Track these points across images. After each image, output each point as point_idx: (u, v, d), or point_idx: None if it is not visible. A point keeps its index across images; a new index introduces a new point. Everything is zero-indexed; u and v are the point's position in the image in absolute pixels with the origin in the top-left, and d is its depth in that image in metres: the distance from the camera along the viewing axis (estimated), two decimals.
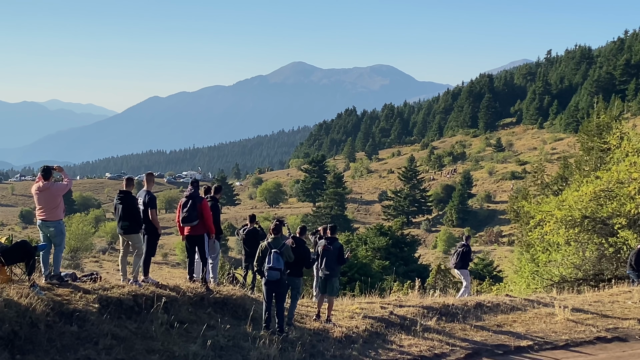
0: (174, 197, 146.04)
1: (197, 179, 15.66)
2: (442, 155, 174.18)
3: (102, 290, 12.42)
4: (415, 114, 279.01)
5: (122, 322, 11.80)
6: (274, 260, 12.87)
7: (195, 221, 14.29)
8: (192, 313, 12.94)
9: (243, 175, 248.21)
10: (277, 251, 12.92)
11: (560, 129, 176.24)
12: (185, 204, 14.31)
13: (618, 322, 16.21)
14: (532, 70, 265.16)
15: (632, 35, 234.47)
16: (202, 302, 13.44)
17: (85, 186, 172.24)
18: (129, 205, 13.47)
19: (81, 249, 67.56)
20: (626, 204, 22.97)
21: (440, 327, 14.81)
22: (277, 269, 12.85)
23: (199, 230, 14.43)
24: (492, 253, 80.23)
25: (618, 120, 32.73)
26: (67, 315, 11.28)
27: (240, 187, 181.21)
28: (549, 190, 34.37)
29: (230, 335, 12.44)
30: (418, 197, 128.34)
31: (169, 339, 11.69)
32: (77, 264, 55.93)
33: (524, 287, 28.68)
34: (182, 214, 14.36)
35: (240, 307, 13.82)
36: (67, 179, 13.02)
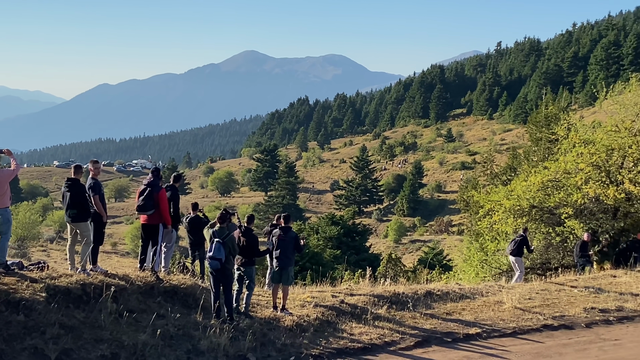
0: (123, 186, 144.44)
1: (158, 168, 15.46)
2: (394, 145, 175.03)
3: (50, 279, 12.24)
4: (367, 104, 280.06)
5: (70, 311, 11.63)
6: (215, 249, 12.83)
7: (150, 210, 14.16)
8: (142, 302, 12.82)
9: (194, 164, 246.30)
10: (219, 241, 12.88)
11: (509, 120, 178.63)
12: (142, 193, 14.16)
13: (564, 310, 16.51)
14: (482, 61, 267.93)
15: (580, 28, 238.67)
16: (152, 291, 13.33)
17: (33, 174, 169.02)
18: (77, 193, 13.23)
19: (28, 238, 66.51)
20: (573, 194, 23.34)
21: (390, 316, 14.91)
22: (218, 259, 12.80)
23: (155, 220, 14.30)
24: (442, 242, 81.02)
25: (566, 112, 33.19)
26: (14, 305, 11.10)
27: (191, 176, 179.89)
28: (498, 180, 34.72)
29: (180, 324, 12.37)
30: (370, 186, 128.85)
31: (118, 329, 11.57)
32: (24, 253, 55.03)
33: (473, 275, 29.03)
34: (138, 202, 14.21)
35: (191, 296, 13.74)
36: (15, 163, 12.74)
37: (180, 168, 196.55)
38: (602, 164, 23.70)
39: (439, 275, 33.96)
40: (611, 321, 15.92)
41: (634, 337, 14.61)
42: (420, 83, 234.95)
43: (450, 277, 31.59)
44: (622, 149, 23.51)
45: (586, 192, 23.09)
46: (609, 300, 17.59)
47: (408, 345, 13.30)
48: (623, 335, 14.75)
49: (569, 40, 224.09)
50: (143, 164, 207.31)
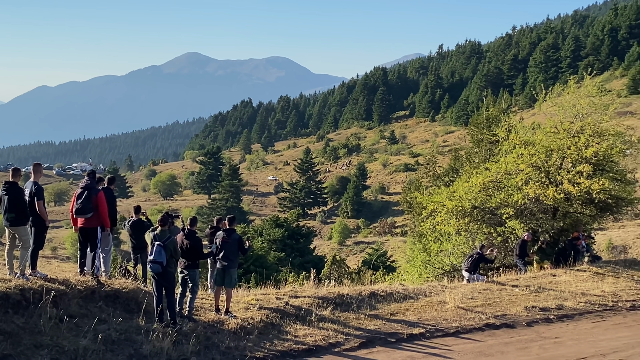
0: (63, 189, 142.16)
1: (94, 170, 15.16)
2: (338, 147, 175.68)
3: None
4: (311, 106, 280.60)
5: (9, 316, 11.34)
6: (156, 253, 12.65)
7: (89, 213, 13.86)
8: (83, 307, 12.57)
9: (136, 167, 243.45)
10: (160, 244, 12.70)
11: (451, 122, 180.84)
12: (80, 195, 13.86)
13: (506, 309, 16.72)
14: (424, 64, 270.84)
15: (519, 32, 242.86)
16: (93, 295, 13.08)
17: None
18: (15, 196, 12.91)
19: None
20: (514, 195, 23.68)
21: (335, 317, 14.90)
22: (159, 262, 12.62)
23: (93, 223, 14.01)
24: (386, 244, 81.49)
25: (506, 114, 33.63)
26: None
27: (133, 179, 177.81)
28: (441, 181, 35.01)
29: (122, 329, 12.16)
30: (314, 189, 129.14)
31: (58, 334, 11.32)
32: None
33: (416, 276, 29.22)
34: (76, 205, 13.90)
35: (133, 300, 13.53)
36: None
37: (122, 171, 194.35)
38: (541, 165, 24.09)
39: (383, 277, 34.13)
40: (551, 319, 16.17)
41: (573, 335, 14.87)
42: (364, 85, 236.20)
43: (394, 278, 31.76)
44: (561, 150, 23.92)
45: (526, 193, 23.43)
46: (549, 299, 17.88)
47: (352, 346, 13.30)
48: (563, 334, 14.99)
49: (509, 43, 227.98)
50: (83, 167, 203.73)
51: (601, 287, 19.57)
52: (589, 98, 25.18)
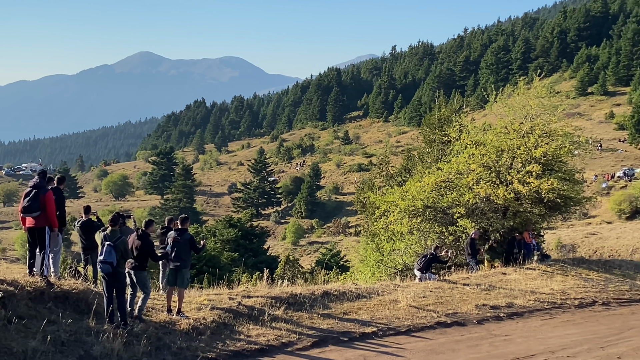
0: (12, 190, 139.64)
1: (44, 170, 14.92)
2: (292, 147, 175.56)
3: None
4: (265, 107, 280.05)
5: None
6: (106, 253, 12.53)
7: (36, 212, 13.64)
8: (32, 308, 12.38)
9: (87, 167, 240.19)
10: (110, 244, 12.58)
11: (404, 123, 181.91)
12: (28, 194, 13.64)
13: (457, 307, 16.91)
14: (377, 65, 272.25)
15: (471, 33, 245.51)
16: (42, 296, 12.89)
17: None
18: None
19: None
20: (465, 194, 23.95)
21: (288, 316, 14.91)
22: (109, 263, 12.51)
23: (41, 223, 13.79)
24: (339, 243, 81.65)
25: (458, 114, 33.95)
26: None
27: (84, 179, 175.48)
28: (394, 181, 35.24)
29: (72, 330, 12.01)
30: (267, 189, 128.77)
31: (6, 335, 11.14)
32: None
33: (369, 275, 29.35)
34: (23, 203, 13.69)
35: (83, 301, 13.37)
36: None
37: (73, 171, 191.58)
38: (492, 165, 24.41)
39: (336, 276, 34.22)
40: (502, 317, 16.40)
41: (523, 333, 15.09)
42: (318, 86, 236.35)
43: (347, 278, 31.86)
44: (511, 150, 24.27)
45: (477, 192, 23.71)
46: (499, 297, 18.12)
47: (305, 345, 13.32)
48: (513, 331, 15.21)
49: (461, 44, 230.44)
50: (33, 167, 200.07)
51: (550, 285, 19.89)
52: (538, 99, 25.60)
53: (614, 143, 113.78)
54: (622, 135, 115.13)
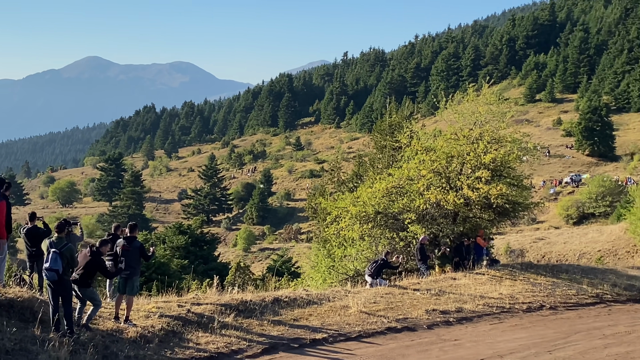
0: None
1: None
2: (243, 153, 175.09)
3: None
4: (216, 112, 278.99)
5: None
6: (52, 260, 12.25)
7: None
8: None
9: (34, 173, 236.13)
10: (56, 251, 12.30)
11: (356, 129, 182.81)
12: None
13: (408, 312, 16.94)
14: (329, 71, 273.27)
15: (422, 40, 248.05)
16: None
17: None
18: None
19: None
20: (415, 200, 24.04)
21: (237, 324, 14.78)
22: (54, 270, 12.22)
23: None
24: (291, 250, 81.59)
25: (409, 120, 34.14)
26: None
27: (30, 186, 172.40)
28: (345, 187, 35.23)
29: (16, 339, 11.72)
30: (218, 195, 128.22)
31: None
32: None
33: (320, 281, 29.30)
34: None
35: (28, 309, 13.06)
36: None
37: (19, 178, 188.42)
38: (442, 171, 24.56)
39: (287, 283, 34.10)
40: (451, 322, 16.48)
41: (472, 337, 15.17)
42: (269, 91, 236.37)
43: (298, 284, 31.77)
44: (461, 156, 24.45)
45: (428, 198, 23.82)
46: (449, 302, 18.21)
47: (255, 352, 13.22)
48: (462, 336, 15.29)
49: (412, 51, 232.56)
50: None
51: (499, 289, 20.06)
52: (487, 106, 25.84)
53: (562, 149, 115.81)
54: (570, 142, 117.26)
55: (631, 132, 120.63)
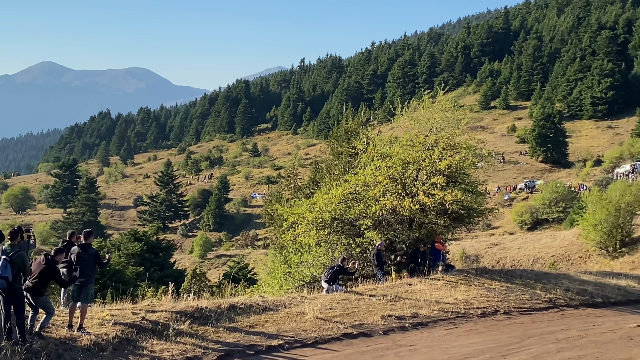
0: None
1: None
2: (200, 159, 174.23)
3: None
4: (172, 118, 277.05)
5: None
6: (2, 268, 12.03)
7: None
8: None
9: None
10: (6, 258, 12.09)
11: (313, 135, 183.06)
12: None
13: (364, 318, 16.97)
14: (286, 77, 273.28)
15: (378, 47, 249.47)
16: None
17: None
18: None
19: None
20: (372, 206, 24.12)
21: (193, 331, 14.67)
22: (4, 278, 12.01)
23: None
24: (247, 256, 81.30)
25: (365, 127, 34.26)
26: None
27: None
28: (302, 193, 35.24)
29: None
30: (175, 202, 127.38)
31: None
32: None
33: (277, 288, 29.22)
34: None
35: None
36: None
37: None
38: (398, 177, 24.68)
39: (243, 289, 33.94)
40: (407, 327, 16.55)
41: (427, 342, 15.26)
42: (226, 98, 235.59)
43: (254, 291, 31.65)
44: (417, 162, 24.60)
45: (384, 204, 23.91)
46: (404, 307, 18.28)
47: (210, 359, 13.13)
48: (418, 341, 15.36)
49: (369, 58, 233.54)
50: None
51: (454, 295, 20.21)
52: (442, 112, 26.04)
53: (516, 156, 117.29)
54: (524, 148, 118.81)
55: (583, 139, 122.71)
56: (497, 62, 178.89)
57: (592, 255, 50.66)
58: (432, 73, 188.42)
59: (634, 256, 47.10)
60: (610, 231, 48.12)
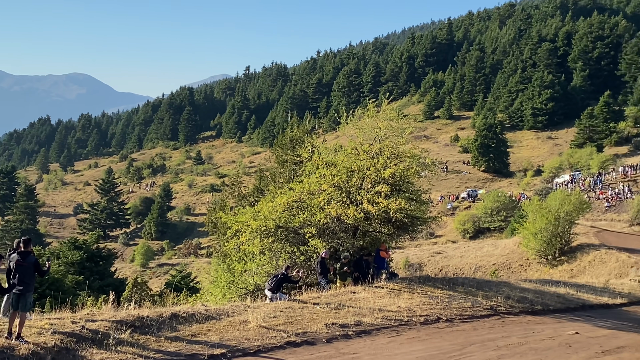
0: None
1: None
2: (142, 167, 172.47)
3: None
4: (114, 125, 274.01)
5: None
6: None
7: None
8: None
9: None
10: None
11: (257, 143, 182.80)
12: None
13: (307, 326, 16.87)
14: (231, 85, 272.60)
15: (324, 56, 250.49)
16: None
17: None
18: None
19: None
20: (316, 214, 24.06)
21: (134, 340, 14.41)
22: None
23: None
24: (190, 265, 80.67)
25: (310, 135, 34.27)
26: None
27: None
28: (246, 201, 35.06)
29: None
30: (116, 210, 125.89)
31: None
32: None
33: (220, 297, 28.99)
34: None
35: None
36: None
37: None
38: (343, 185, 24.68)
39: (186, 298, 33.60)
40: (350, 336, 16.51)
41: (370, 350, 15.24)
42: (170, 105, 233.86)
43: (197, 299, 31.34)
44: (362, 170, 24.63)
45: (328, 212, 23.87)
46: (348, 315, 18.25)
47: None
48: (361, 349, 15.33)
49: (314, 67, 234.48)
50: None
51: (397, 303, 20.25)
52: (387, 122, 26.12)
53: (459, 165, 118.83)
54: (466, 158, 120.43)
55: (524, 149, 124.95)
56: (440, 73, 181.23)
57: (532, 263, 51.50)
58: (377, 82, 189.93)
59: (573, 264, 48.03)
60: (549, 240, 49.00)
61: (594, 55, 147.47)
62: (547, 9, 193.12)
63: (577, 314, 22.78)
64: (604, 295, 28.54)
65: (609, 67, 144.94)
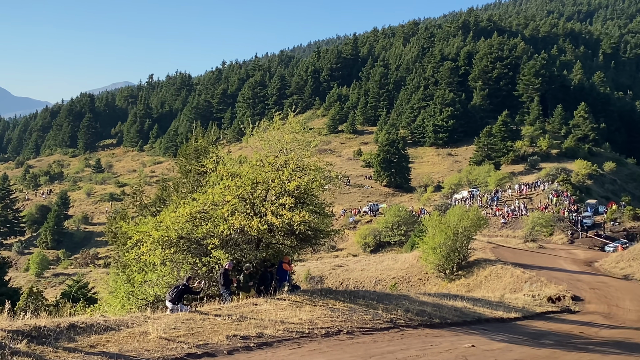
0: None
1: None
2: (39, 174, 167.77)
3: None
4: (10, 131, 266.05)
5: None
6: None
7: None
8: None
9: None
10: None
11: (160, 152, 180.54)
12: None
13: (208, 338, 16.78)
14: (133, 93, 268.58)
15: (229, 67, 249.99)
16: None
17: None
18: None
19: None
20: (220, 225, 23.97)
21: (30, 350, 14.02)
22: None
23: None
24: (87, 275, 78.75)
25: (215, 146, 34.17)
26: None
27: None
28: (148, 211, 34.56)
29: None
30: (10, 217, 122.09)
31: None
32: None
33: (119, 307, 28.46)
34: None
35: None
36: None
37: None
38: (247, 197, 24.69)
39: (83, 309, 32.84)
40: (252, 347, 16.51)
41: None
42: (69, 111, 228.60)
43: (95, 310, 30.68)
44: (266, 182, 24.71)
45: (232, 224, 23.83)
46: (250, 327, 18.24)
47: None
48: None
49: (219, 77, 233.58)
50: None
51: (299, 315, 20.36)
52: (293, 134, 26.31)
53: (361, 179, 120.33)
54: (369, 172, 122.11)
55: (425, 165, 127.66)
56: (345, 87, 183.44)
57: (431, 277, 52.54)
58: (282, 95, 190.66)
59: (470, 279, 49.26)
60: (448, 254, 50.12)
61: (494, 75, 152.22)
62: (449, 28, 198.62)
63: (474, 328, 23.43)
64: (499, 309, 29.45)
65: (507, 87, 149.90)
